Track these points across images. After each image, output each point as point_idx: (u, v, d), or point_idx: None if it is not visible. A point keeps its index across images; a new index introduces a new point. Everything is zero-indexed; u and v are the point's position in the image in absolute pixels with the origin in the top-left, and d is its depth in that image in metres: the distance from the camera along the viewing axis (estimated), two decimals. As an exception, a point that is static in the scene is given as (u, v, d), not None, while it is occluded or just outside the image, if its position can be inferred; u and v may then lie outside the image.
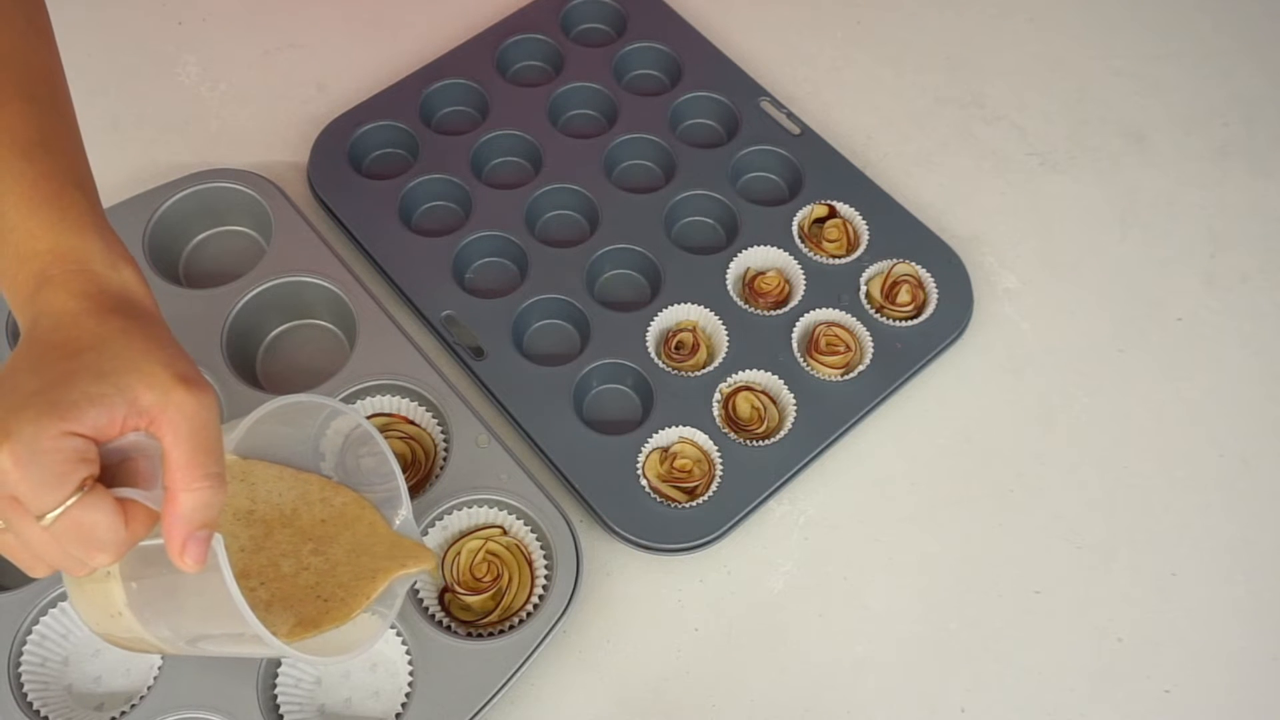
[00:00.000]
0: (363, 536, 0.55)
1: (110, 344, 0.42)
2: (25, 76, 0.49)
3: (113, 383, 0.41)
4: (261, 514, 0.53)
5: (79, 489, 0.40)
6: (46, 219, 0.46)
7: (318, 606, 0.52)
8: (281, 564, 0.52)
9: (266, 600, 0.51)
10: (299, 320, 0.75)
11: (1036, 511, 0.70)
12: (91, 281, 0.45)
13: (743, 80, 0.85)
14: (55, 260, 0.45)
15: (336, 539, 0.54)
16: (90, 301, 0.44)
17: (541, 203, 0.79)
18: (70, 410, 0.40)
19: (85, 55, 0.87)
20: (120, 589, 0.46)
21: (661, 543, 0.66)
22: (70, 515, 0.40)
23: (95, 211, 0.48)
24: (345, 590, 0.53)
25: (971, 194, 0.83)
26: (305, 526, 0.54)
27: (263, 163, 0.81)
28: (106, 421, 0.41)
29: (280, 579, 0.52)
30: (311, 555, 0.53)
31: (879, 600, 0.67)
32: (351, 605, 0.52)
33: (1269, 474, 0.72)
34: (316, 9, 0.91)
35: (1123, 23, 0.94)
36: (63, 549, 0.41)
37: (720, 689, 0.64)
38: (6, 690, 0.59)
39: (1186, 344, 0.77)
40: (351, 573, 0.53)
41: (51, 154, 0.48)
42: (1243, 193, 0.85)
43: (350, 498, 0.56)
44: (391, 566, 0.54)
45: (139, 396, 0.41)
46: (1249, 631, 0.67)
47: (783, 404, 0.71)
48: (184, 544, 0.41)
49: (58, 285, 0.44)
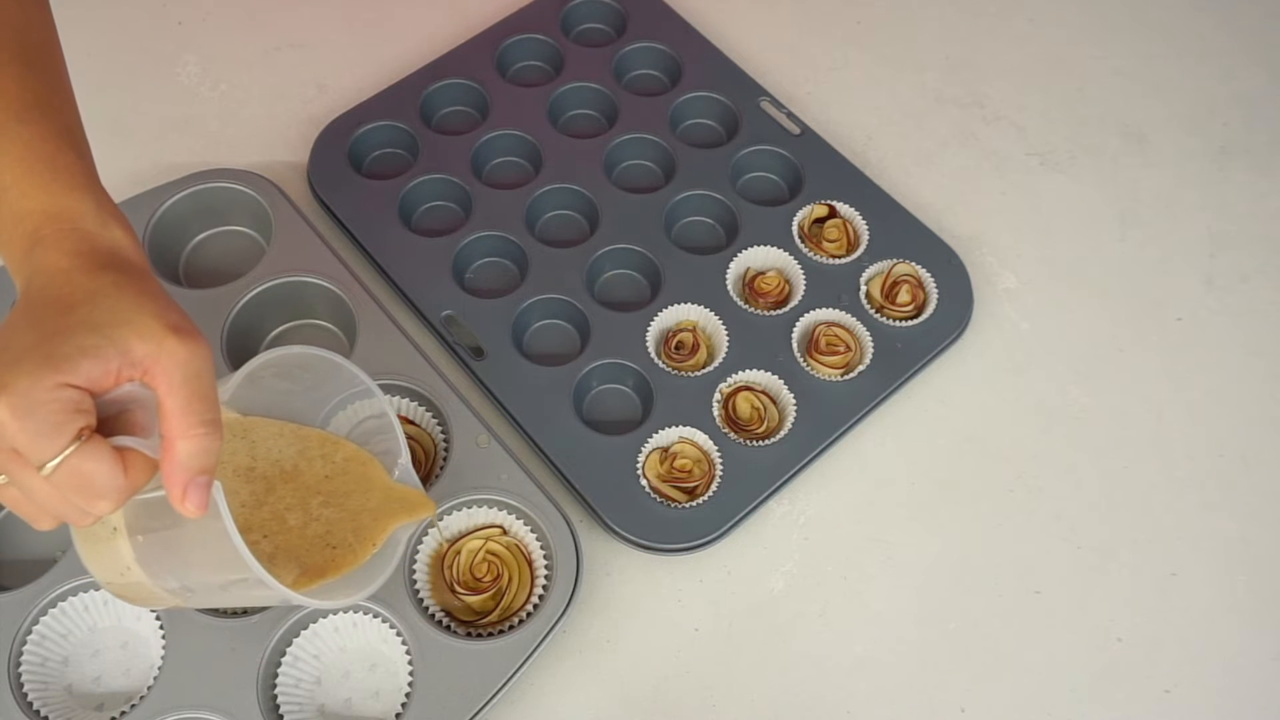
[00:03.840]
0: (370, 487, 0.56)
1: (103, 298, 0.43)
2: (22, 43, 0.50)
3: (105, 335, 0.42)
4: (262, 470, 0.54)
5: (76, 438, 0.41)
6: (40, 179, 0.46)
7: (325, 555, 0.53)
8: (287, 517, 0.53)
9: (270, 553, 0.52)
10: (299, 320, 0.75)
11: (1036, 511, 0.70)
12: (83, 240, 0.46)
13: (743, 80, 0.85)
14: (47, 220, 0.46)
15: (345, 492, 0.56)
16: (82, 259, 0.45)
17: (541, 203, 0.79)
18: (64, 363, 0.40)
19: (85, 55, 0.86)
20: (128, 544, 0.47)
21: (661, 543, 0.66)
22: (69, 464, 0.41)
23: (89, 172, 0.48)
24: (355, 537, 0.54)
25: (971, 194, 0.83)
26: (309, 482, 0.55)
27: (263, 163, 0.81)
28: (101, 373, 0.41)
29: (285, 531, 0.53)
30: (322, 508, 0.54)
31: (879, 600, 0.67)
32: (358, 553, 0.53)
33: (1269, 474, 0.72)
34: (316, 9, 0.91)
35: (1123, 23, 0.94)
36: (65, 498, 0.42)
37: (720, 689, 0.64)
38: (6, 690, 0.59)
39: (1186, 344, 0.77)
40: (358, 525, 0.55)
41: (47, 116, 0.48)
42: (1243, 193, 0.85)
43: (350, 452, 0.57)
44: (395, 515, 0.56)
45: (132, 348, 0.42)
46: (1249, 631, 0.67)
47: (783, 404, 0.71)
48: (184, 490, 0.43)
49: (50, 244, 0.45)
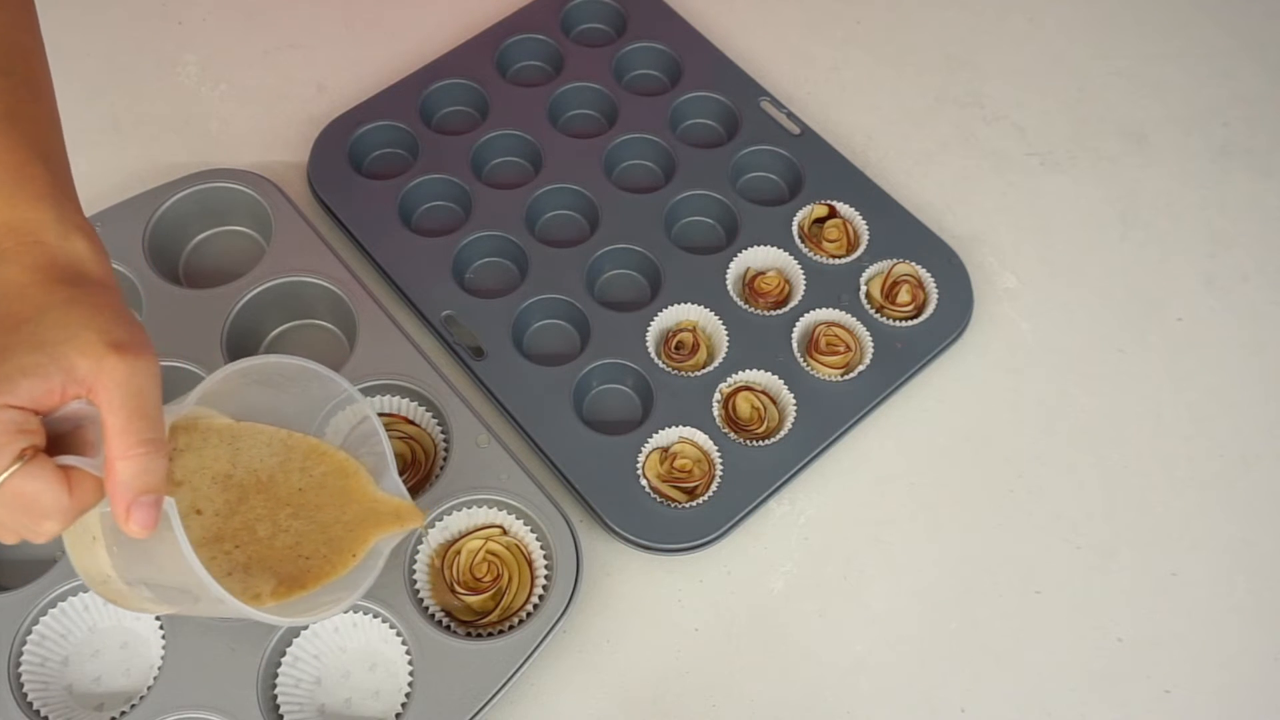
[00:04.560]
0: (347, 500, 0.56)
1: (50, 314, 0.43)
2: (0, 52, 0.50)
3: (48, 353, 0.42)
4: (239, 479, 0.54)
5: (19, 458, 0.41)
6: (4, 191, 0.46)
7: (300, 566, 0.53)
8: (257, 528, 0.53)
9: (244, 563, 0.52)
10: (299, 320, 0.75)
11: (1036, 511, 0.70)
12: (43, 254, 0.45)
13: (743, 80, 0.85)
14: (9, 233, 0.46)
15: (316, 505, 0.55)
16: (40, 274, 0.45)
17: (541, 203, 0.79)
18: (4, 383, 0.41)
19: (85, 55, 0.87)
20: (105, 554, 0.47)
21: (661, 543, 0.66)
22: (11, 485, 0.41)
23: (56, 183, 0.48)
24: (331, 549, 0.54)
25: (971, 194, 0.83)
26: (282, 493, 0.55)
27: (263, 163, 0.81)
28: (43, 392, 0.41)
29: (256, 542, 0.53)
30: (291, 519, 0.54)
31: (879, 600, 0.67)
32: (335, 564, 0.53)
33: (1269, 474, 0.72)
34: (316, 9, 0.91)
35: (1123, 23, 0.94)
36: (12, 517, 0.42)
37: (720, 689, 0.64)
38: (6, 690, 0.59)
39: (1186, 344, 0.77)
40: (330, 536, 0.54)
41: (18, 127, 0.48)
42: (1243, 193, 0.85)
43: (333, 466, 0.57)
44: (378, 527, 0.55)
45: (75, 365, 0.42)
46: (1249, 631, 0.67)
47: (783, 404, 0.71)
48: (128, 510, 0.42)
49: (10, 259, 0.45)
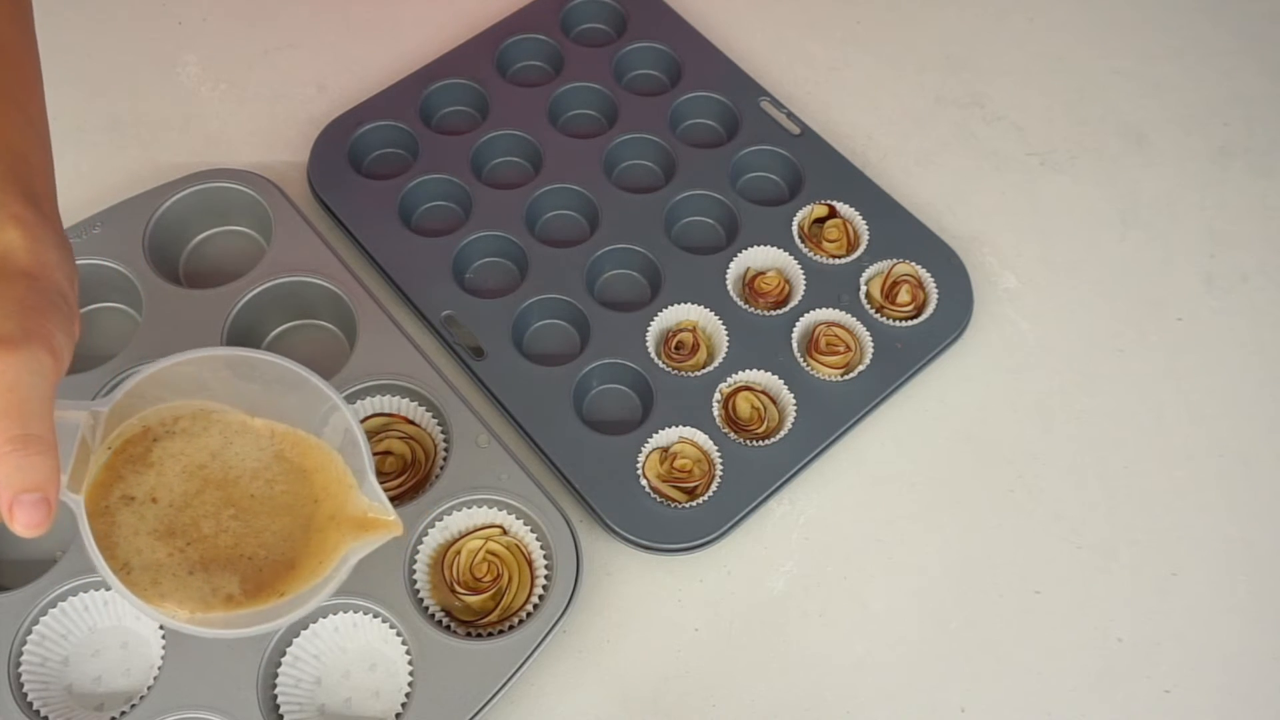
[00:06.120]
0: (285, 513, 0.55)
1: None
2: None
3: None
4: (210, 471, 0.54)
5: None
6: None
7: (252, 567, 0.52)
8: (202, 524, 0.53)
9: (200, 560, 0.51)
10: (299, 320, 0.75)
11: (1036, 511, 0.70)
12: None
13: (743, 80, 0.85)
14: None
15: (255, 512, 0.54)
16: None
17: (541, 203, 0.79)
18: None
19: (85, 55, 0.87)
20: None
21: (661, 543, 0.66)
22: None
23: (4, 175, 0.48)
24: (286, 554, 0.53)
25: (971, 194, 0.83)
26: (234, 493, 0.54)
27: (263, 163, 0.81)
28: None
29: (203, 540, 0.52)
30: (231, 520, 0.53)
31: (879, 600, 0.67)
32: (300, 570, 0.53)
33: (1269, 474, 0.72)
34: (316, 9, 0.91)
35: (1122, 23, 0.94)
36: None
37: (720, 689, 0.64)
38: (6, 690, 0.59)
39: (1186, 344, 0.77)
40: (260, 541, 0.53)
41: None
42: (1243, 193, 0.85)
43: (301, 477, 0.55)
44: (351, 533, 0.54)
45: None
46: (1249, 631, 0.67)
47: (783, 404, 0.71)
48: (9, 509, 0.42)
49: None
